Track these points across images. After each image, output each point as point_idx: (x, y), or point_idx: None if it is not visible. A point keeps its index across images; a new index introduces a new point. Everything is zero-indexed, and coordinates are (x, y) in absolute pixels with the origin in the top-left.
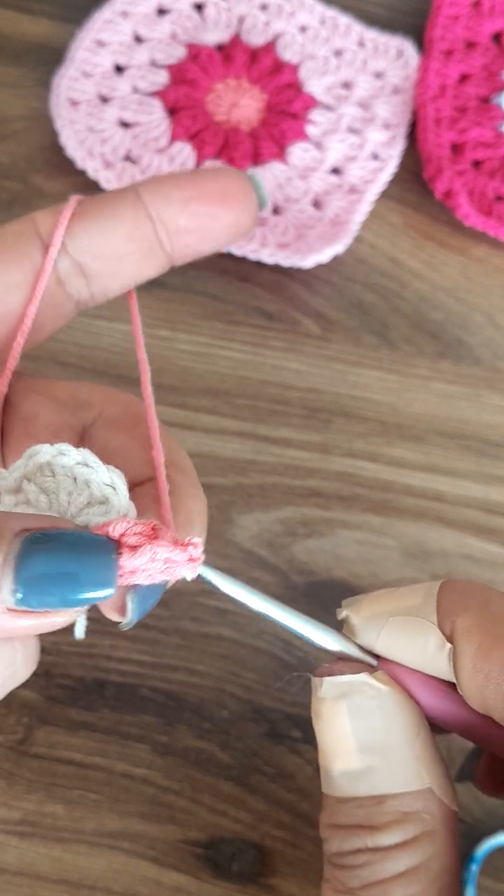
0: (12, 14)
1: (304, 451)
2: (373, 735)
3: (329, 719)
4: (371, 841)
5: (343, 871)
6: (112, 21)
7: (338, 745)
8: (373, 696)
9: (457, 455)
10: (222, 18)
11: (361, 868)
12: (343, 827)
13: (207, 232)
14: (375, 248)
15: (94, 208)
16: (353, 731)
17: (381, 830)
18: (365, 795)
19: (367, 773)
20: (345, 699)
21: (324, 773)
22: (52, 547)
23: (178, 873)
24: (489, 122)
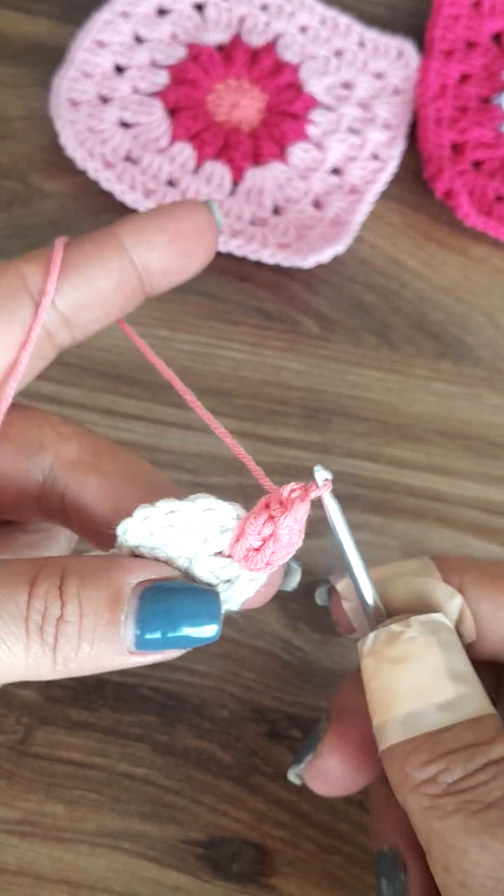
0: (12, 14)
1: (304, 451)
2: (459, 666)
3: (421, 655)
4: (493, 753)
5: (476, 790)
6: (112, 21)
7: (434, 678)
8: (449, 631)
9: (457, 455)
10: (223, 19)
11: (495, 779)
12: (458, 751)
13: (185, 268)
14: (376, 249)
15: (79, 259)
16: (445, 663)
17: (494, 743)
18: (466, 718)
19: (462, 700)
20: (434, 634)
21: (406, 719)
22: (167, 597)
23: (179, 873)
24: (489, 123)
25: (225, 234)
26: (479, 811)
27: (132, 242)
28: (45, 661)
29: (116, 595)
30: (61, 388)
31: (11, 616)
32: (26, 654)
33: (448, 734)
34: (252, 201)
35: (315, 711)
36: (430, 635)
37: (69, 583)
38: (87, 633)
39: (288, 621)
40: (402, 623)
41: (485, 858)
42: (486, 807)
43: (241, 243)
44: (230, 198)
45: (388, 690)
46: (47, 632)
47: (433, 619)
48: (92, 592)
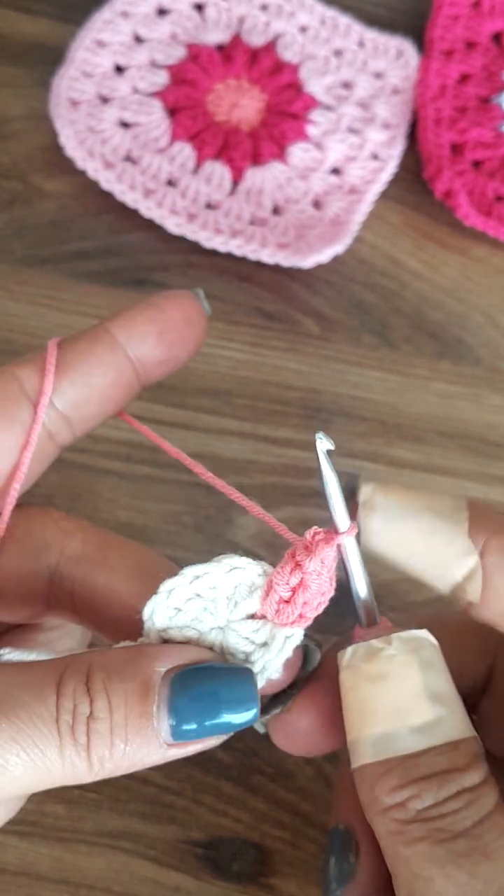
0: (12, 14)
1: (304, 451)
2: (438, 686)
3: (400, 675)
4: (466, 781)
5: (445, 819)
6: (112, 21)
7: (411, 699)
8: (433, 650)
9: (457, 455)
10: (222, 19)
11: (467, 808)
12: (430, 777)
13: (177, 358)
14: (375, 249)
15: (74, 357)
16: (423, 684)
17: (467, 770)
18: (443, 743)
19: (439, 724)
20: (416, 653)
21: (379, 739)
22: (200, 681)
23: (178, 873)
24: (489, 123)
25: (225, 234)
26: (445, 840)
27: (124, 336)
28: (80, 764)
29: (145, 685)
30: None
31: (42, 718)
32: (61, 757)
33: (421, 759)
34: (252, 201)
35: None
36: (411, 654)
37: (95, 678)
38: (118, 729)
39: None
40: (382, 639)
41: (449, 890)
42: (454, 836)
43: (240, 243)
44: (230, 198)
45: (363, 708)
46: (79, 731)
47: (415, 637)
48: (119, 685)
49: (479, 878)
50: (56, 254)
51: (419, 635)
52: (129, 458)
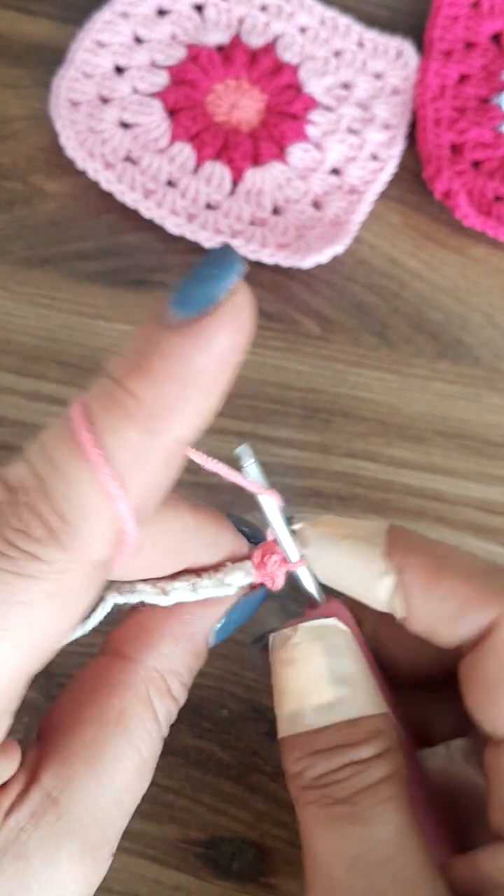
0: (12, 15)
1: (304, 451)
2: (343, 670)
3: (304, 660)
4: (354, 754)
5: (330, 787)
6: (112, 22)
7: (314, 682)
8: (341, 636)
9: (457, 455)
10: (222, 19)
11: (349, 780)
12: (324, 751)
13: None
14: (375, 249)
15: None
16: (326, 668)
17: (360, 745)
18: (341, 720)
19: (340, 703)
20: (320, 640)
21: (291, 716)
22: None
23: (179, 872)
24: (488, 123)
25: (224, 234)
26: (328, 804)
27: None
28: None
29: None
30: (61, 388)
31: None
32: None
33: (320, 735)
34: (251, 201)
35: None
36: (314, 641)
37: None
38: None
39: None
40: (292, 628)
41: (322, 847)
42: (335, 801)
43: (240, 243)
44: (230, 198)
45: (279, 688)
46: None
47: (322, 625)
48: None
49: (348, 839)
50: (56, 254)
51: (326, 623)
52: None
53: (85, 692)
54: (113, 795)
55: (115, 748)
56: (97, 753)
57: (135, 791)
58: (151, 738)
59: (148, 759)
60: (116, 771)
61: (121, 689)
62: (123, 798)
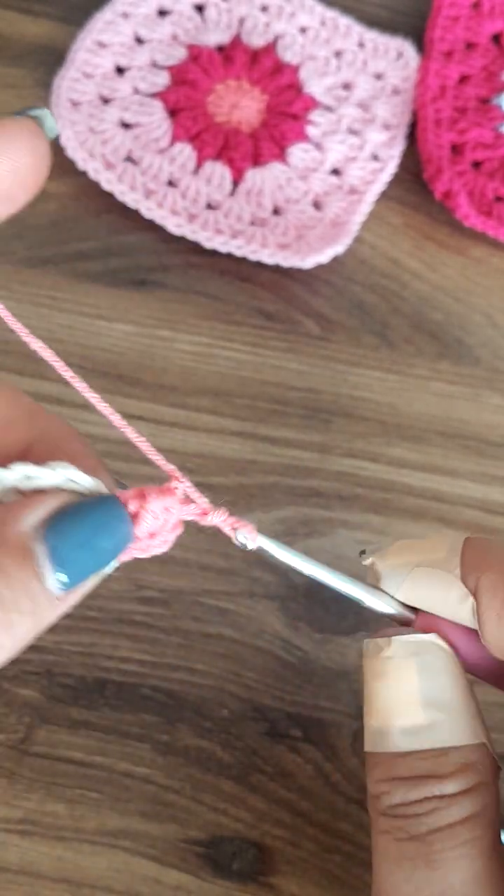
0: (13, 15)
1: (304, 451)
2: (438, 692)
3: (396, 677)
4: (438, 789)
5: (407, 821)
6: (113, 22)
7: (403, 702)
8: (439, 655)
9: (457, 455)
10: (223, 19)
11: (427, 815)
12: (407, 779)
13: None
14: (375, 249)
15: None
16: (420, 688)
17: (447, 779)
18: (429, 748)
19: (431, 728)
20: (415, 657)
21: (378, 733)
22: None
23: (179, 872)
24: (489, 123)
25: (225, 235)
26: (400, 840)
27: None
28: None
29: (22, 551)
30: (61, 388)
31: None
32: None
33: (404, 760)
34: (252, 202)
35: (315, 711)
36: (409, 658)
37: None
38: (16, 607)
39: (288, 621)
40: (385, 639)
41: (387, 884)
42: (409, 838)
43: (241, 243)
44: (230, 198)
45: (368, 699)
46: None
47: (418, 640)
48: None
49: (412, 883)
50: (57, 254)
51: (424, 639)
52: (129, 458)
53: None
54: None
55: None
56: None
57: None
58: None
59: None
60: None
61: None
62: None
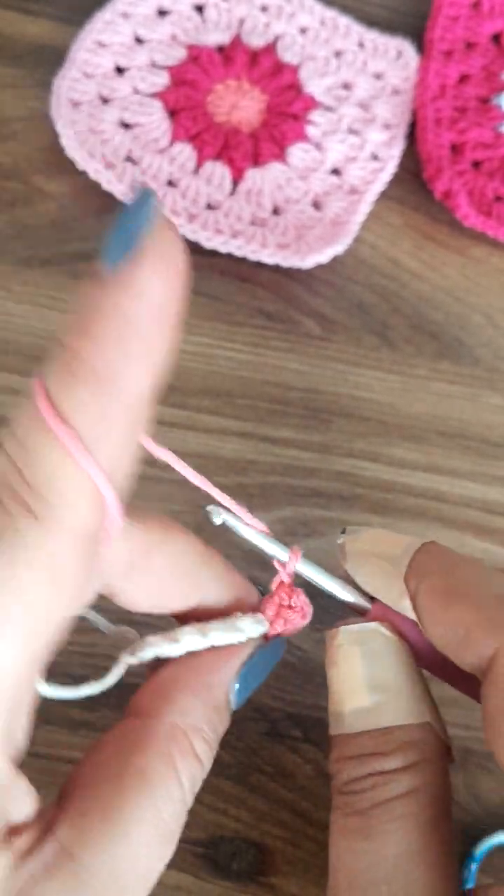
0: (13, 15)
1: (304, 451)
2: (381, 675)
3: (343, 663)
4: (378, 765)
5: (353, 797)
6: (113, 22)
7: (350, 686)
8: (382, 642)
9: (457, 455)
10: (223, 20)
11: (369, 791)
12: (354, 757)
13: None
14: (375, 249)
15: None
16: (363, 673)
17: (388, 756)
18: (374, 728)
19: (376, 710)
20: (358, 645)
21: (334, 716)
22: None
23: (178, 872)
24: (489, 123)
25: (225, 235)
26: (347, 815)
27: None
28: None
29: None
30: None
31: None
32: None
33: (354, 739)
34: (252, 201)
35: (315, 711)
36: (353, 646)
37: (198, 745)
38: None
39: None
40: (334, 630)
41: (337, 857)
42: (353, 812)
43: (240, 244)
44: (230, 198)
45: (328, 686)
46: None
47: (362, 629)
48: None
49: (352, 854)
50: (57, 254)
51: (367, 627)
52: None
53: (106, 753)
54: (131, 856)
55: (133, 805)
56: (114, 808)
57: (153, 857)
58: (172, 799)
59: (169, 822)
60: (134, 829)
61: (141, 746)
62: (141, 861)
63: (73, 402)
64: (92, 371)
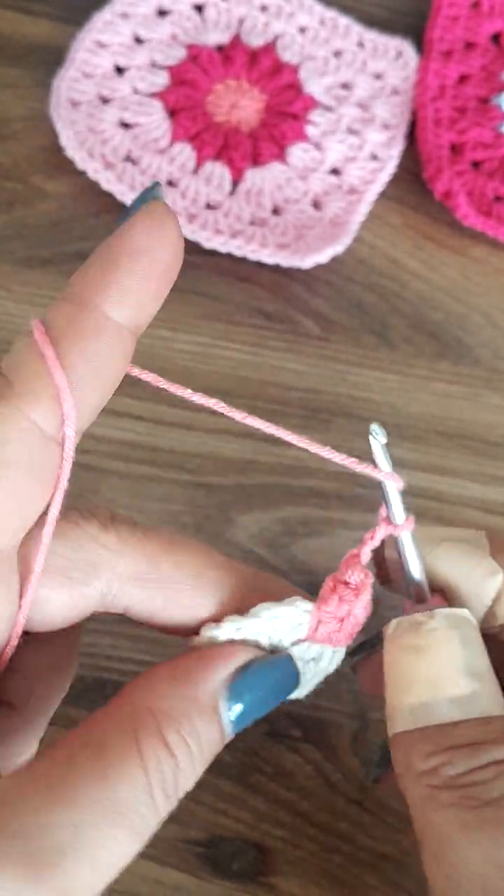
0: (13, 15)
1: (304, 451)
2: (476, 663)
3: (440, 649)
4: (498, 753)
5: (475, 787)
6: (112, 22)
7: (448, 673)
8: (472, 629)
9: (456, 455)
10: (222, 19)
11: (497, 779)
12: (463, 747)
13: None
14: (375, 249)
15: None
16: (464, 658)
17: (501, 744)
18: (477, 717)
19: (475, 697)
20: (457, 629)
21: (417, 708)
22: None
23: (179, 872)
24: (488, 123)
25: (224, 235)
26: (475, 807)
27: (125, 315)
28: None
29: (212, 712)
30: None
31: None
32: (159, 818)
33: (457, 729)
34: (251, 201)
35: (315, 711)
36: (452, 629)
37: (170, 732)
38: (199, 761)
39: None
40: (426, 614)
41: (473, 853)
42: (483, 804)
43: (240, 243)
44: (230, 198)
45: (403, 678)
46: (170, 789)
47: (457, 614)
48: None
49: (496, 846)
50: (57, 254)
51: (461, 613)
52: (129, 458)
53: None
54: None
55: (80, 774)
56: (60, 776)
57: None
58: (131, 780)
59: (125, 804)
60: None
61: (102, 720)
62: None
63: (55, 312)
64: (77, 289)
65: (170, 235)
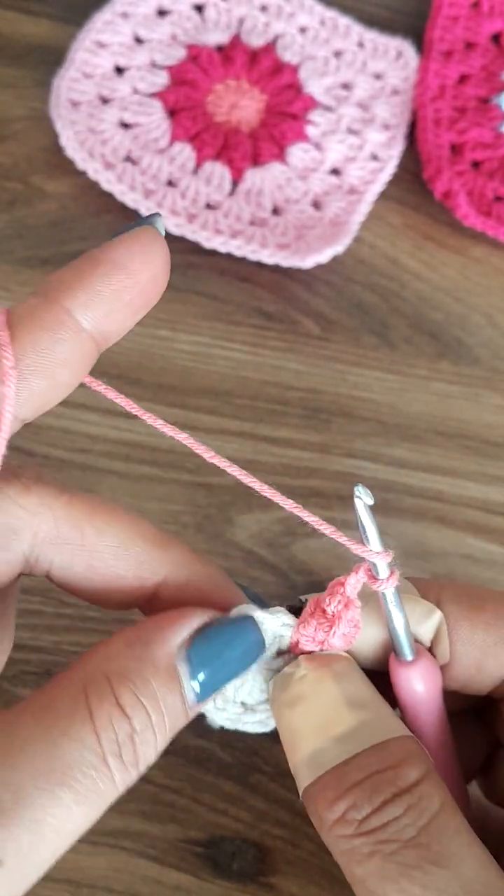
0: (13, 15)
1: (304, 451)
2: (356, 692)
3: (315, 690)
4: (401, 779)
5: (388, 828)
6: (112, 22)
7: (329, 710)
8: (345, 661)
9: (456, 455)
10: (222, 19)
11: (408, 813)
12: (363, 781)
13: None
14: (375, 249)
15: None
16: (341, 692)
17: (400, 768)
18: (369, 745)
19: (363, 728)
20: (326, 667)
21: (310, 759)
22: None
23: (179, 872)
24: (488, 123)
25: (225, 235)
26: (393, 852)
27: (90, 319)
28: (131, 777)
29: (170, 674)
30: None
31: (93, 765)
32: (116, 787)
33: (351, 765)
34: (251, 202)
35: None
36: (321, 669)
37: (123, 691)
38: (160, 727)
39: None
40: (292, 665)
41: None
42: (401, 847)
43: (240, 243)
44: (230, 198)
45: (293, 733)
46: (127, 753)
47: (324, 654)
48: (148, 688)
49: (433, 889)
50: (57, 254)
51: (327, 651)
52: (129, 458)
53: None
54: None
55: (26, 733)
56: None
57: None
58: (79, 742)
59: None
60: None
61: (55, 685)
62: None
63: (21, 305)
64: (45, 286)
65: (153, 261)
